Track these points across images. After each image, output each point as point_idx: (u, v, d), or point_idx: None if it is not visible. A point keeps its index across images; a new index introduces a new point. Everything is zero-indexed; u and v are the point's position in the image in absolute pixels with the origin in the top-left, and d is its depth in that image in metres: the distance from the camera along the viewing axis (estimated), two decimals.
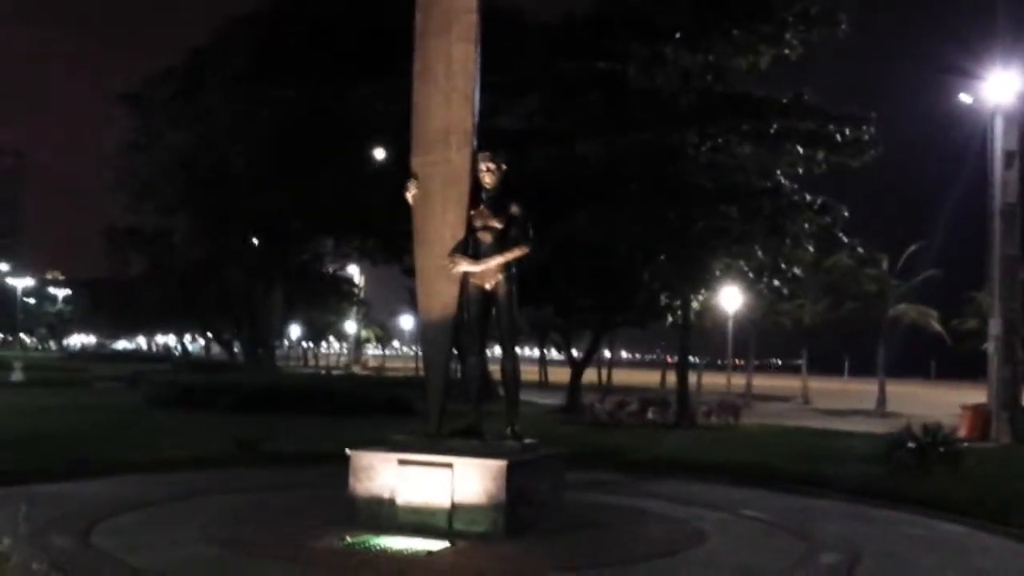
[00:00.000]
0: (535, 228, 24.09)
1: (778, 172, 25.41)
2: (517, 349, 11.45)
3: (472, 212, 10.76)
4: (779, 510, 12.27)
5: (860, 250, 28.56)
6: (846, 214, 25.56)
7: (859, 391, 57.35)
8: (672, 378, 63.15)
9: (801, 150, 25.08)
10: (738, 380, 59.22)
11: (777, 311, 49.68)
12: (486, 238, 10.72)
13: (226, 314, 63.57)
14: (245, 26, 30.83)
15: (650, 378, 71.50)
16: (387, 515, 10.08)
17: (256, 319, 58.68)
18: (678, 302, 25.90)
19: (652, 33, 24.50)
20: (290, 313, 65.30)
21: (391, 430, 11.10)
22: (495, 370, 12.41)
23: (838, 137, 24.53)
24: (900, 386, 65.14)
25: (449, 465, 9.98)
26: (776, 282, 26.88)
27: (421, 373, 11.35)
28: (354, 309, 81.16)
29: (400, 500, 10.09)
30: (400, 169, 10.93)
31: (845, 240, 26.57)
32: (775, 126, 24.49)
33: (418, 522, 9.91)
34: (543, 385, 57.83)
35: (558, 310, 30.34)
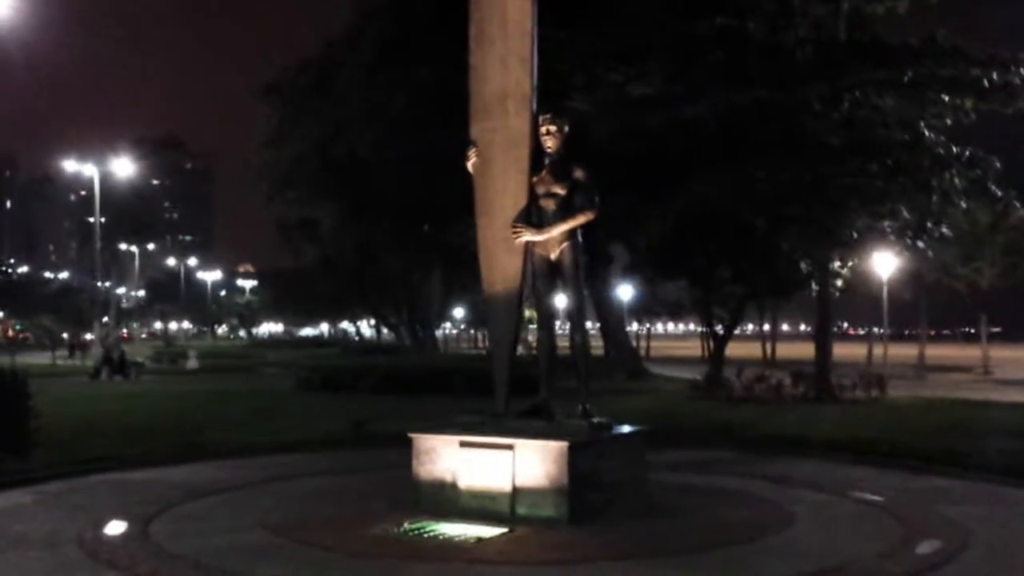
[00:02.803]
0: (659, 199, 23.03)
1: (922, 124, 23.49)
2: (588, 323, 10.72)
3: (534, 178, 10.13)
4: (895, 491, 11.17)
5: (1017, 204, 26.04)
6: (998, 165, 23.43)
7: None
8: (845, 350, 60.59)
9: (946, 98, 23.14)
10: (909, 351, 55.79)
11: (951, 275, 46.50)
12: (549, 205, 10.07)
13: (389, 299, 65.03)
14: (374, 14, 31.12)
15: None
16: (450, 500, 9.64)
17: (416, 303, 59.78)
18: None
19: None
20: (451, 296, 66.04)
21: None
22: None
23: (985, 83, 22.46)
24: None
25: (510, 447, 9.44)
26: (920, 243, 24.90)
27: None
28: None
29: (462, 484, 9.63)
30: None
31: (999, 194, 24.34)
32: (909, 73, 22.62)
33: (480, 507, 9.42)
34: (705, 359, 56.28)
35: (694, 283, 29.26)
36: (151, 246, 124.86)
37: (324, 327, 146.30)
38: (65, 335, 73.42)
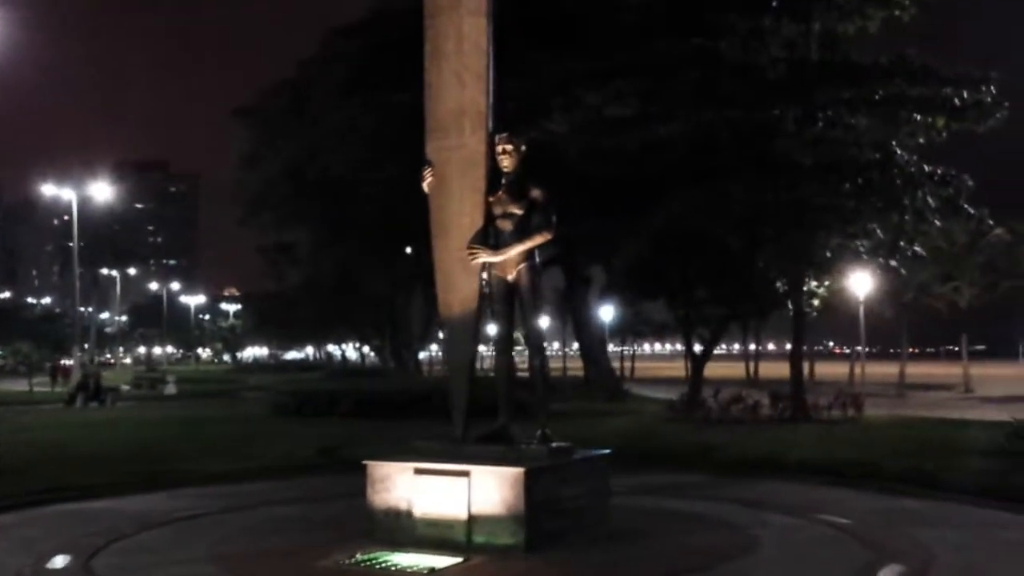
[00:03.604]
0: (635, 220, 22.80)
1: (894, 143, 23.47)
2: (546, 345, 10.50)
3: (491, 198, 9.94)
4: (863, 513, 10.95)
5: (991, 222, 25.98)
6: (970, 183, 23.44)
7: None
8: (828, 369, 60.48)
9: (918, 117, 23.13)
10: (892, 370, 55.73)
11: (929, 294, 46.51)
12: (506, 225, 9.87)
13: (372, 321, 64.75)
14: (348, 36, 31.05)
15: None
16: (405, 528, 9.38)
17: (398, 325, 59.52)
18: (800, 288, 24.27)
19: (750, 2, 23.08)
20: (433, 318, 65.76)
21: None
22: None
23: (956, 101, 22.45)
24: None
25: (466, 474, 9.20)
26: (893, 262, 24.81)
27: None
28: None
29: (417, 512, 9.37)
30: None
31: (972, 211, 24.34)
32: (880, 92, 22.63)
33: (436, 536, 9.17)
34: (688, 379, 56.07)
35: (671, 303, 29.16)
36: (133, 271, 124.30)
37: (309, 351, 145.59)
38: (48, 363, 72.65)
